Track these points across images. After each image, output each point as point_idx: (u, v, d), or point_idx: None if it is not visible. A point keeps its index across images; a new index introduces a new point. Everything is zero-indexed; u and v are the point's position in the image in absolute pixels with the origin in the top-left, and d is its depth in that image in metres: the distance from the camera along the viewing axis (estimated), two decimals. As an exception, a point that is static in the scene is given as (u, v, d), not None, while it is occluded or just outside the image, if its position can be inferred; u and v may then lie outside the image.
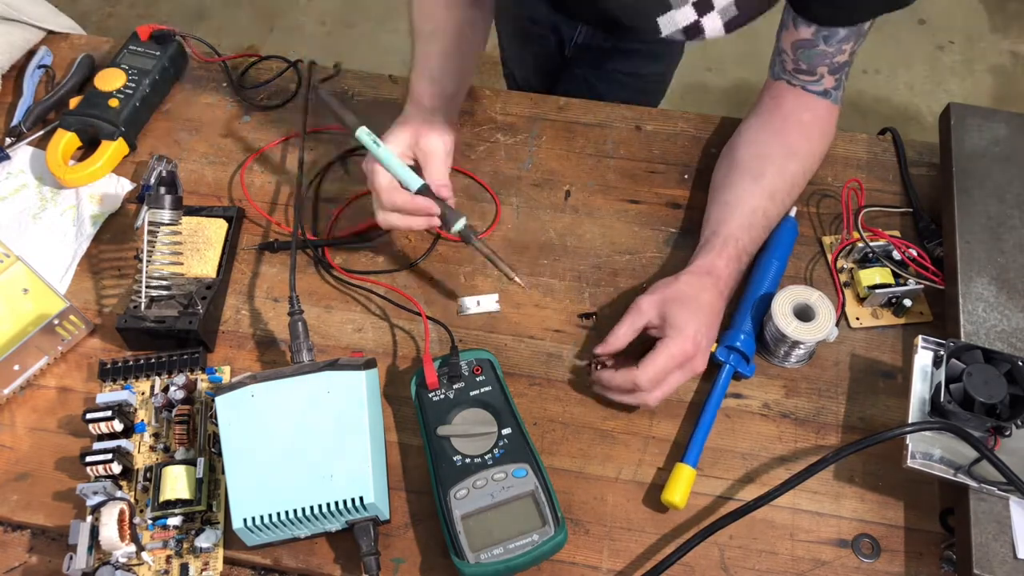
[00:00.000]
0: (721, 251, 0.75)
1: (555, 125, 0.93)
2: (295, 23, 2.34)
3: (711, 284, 0.72)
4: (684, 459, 0.69)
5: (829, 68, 0.77)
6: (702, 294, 0.72)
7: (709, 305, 0.72)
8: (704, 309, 0.71)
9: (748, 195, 0.78)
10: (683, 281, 0.73)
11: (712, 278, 0.73)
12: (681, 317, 0.70)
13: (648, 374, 0.68)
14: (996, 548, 0.62)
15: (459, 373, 0.72)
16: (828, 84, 0.79)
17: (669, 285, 0.73)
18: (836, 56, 0.76)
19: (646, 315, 0.72)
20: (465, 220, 0.74)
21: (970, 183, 0.79)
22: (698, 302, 0.71)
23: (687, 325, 0.69)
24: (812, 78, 0.79)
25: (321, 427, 0.64)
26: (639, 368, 0.69)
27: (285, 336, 0.78)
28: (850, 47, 0.76)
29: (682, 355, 0.69)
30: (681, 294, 0.71)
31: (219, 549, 0.67)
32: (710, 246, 0.76)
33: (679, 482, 0.68)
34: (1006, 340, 0.71)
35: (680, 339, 0.69)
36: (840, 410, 0.74)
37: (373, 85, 0.96)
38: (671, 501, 0.67)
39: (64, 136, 0.88)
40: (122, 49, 0.95)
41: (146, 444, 0.71)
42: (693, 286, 0.72)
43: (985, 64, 2.22)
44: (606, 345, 0.72)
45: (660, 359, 0.69)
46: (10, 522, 0.70)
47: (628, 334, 0.72)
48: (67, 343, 0.77)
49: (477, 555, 0.62)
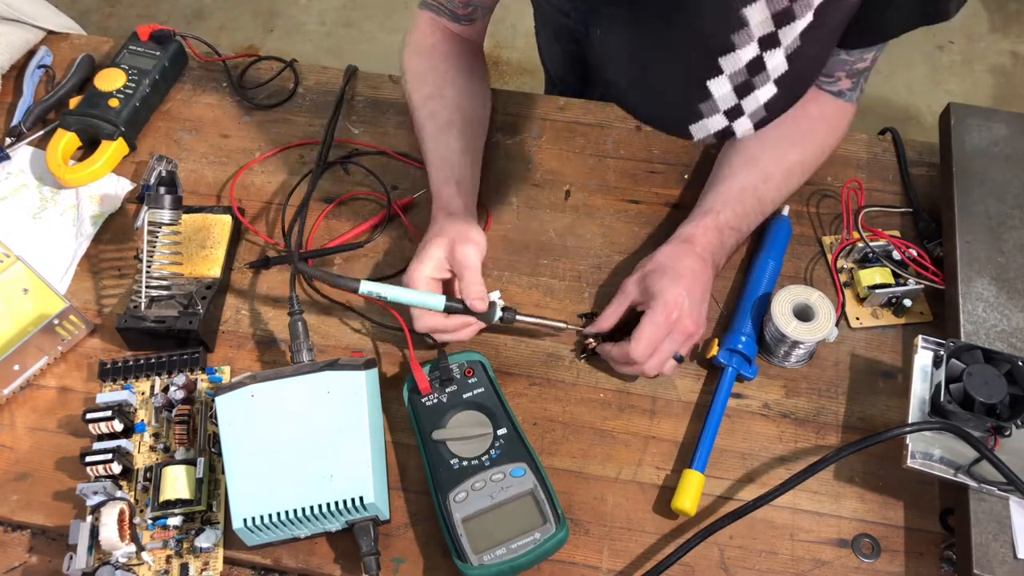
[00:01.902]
0: (700, 222, 0.76)
1: (555, 125, 0.93)
2: (295, 23, 2.34)
3: (689, 250, 0.74)
4: (692, 465, 0.69)
5: (848, 73, 0.78)
6: (681, 260, 0.73)
7: (689, 269, 0.72)
8: (684, 274, 0.72)
9: (739, 173, 0.79)
10: (661, 253, 0.75)
11: (689, 245, 0.74)
12: (660, 284, 0.71)
13: (639, 346, 0.70)
14: (996, 548, 0.62)
15: (450, 376, 0.72)
16: (844, 85, 0.79)
17: (648, 261, 0.75)
18: (856, 63, 0.77)
19: (630, 294, 0.74)
20: (500, 305, 0.74)
21: (970, 183, 0.79)
22: (676, 269, 0.72)
23: (666, 291, 0.71)
24: (829, 79, 0.79)
25: (321, 427, 0.64)
26: (631, 341, 0.71)
27: (285, 336, 0.78)
28: (872, 55, 0.76)
29: (666, 321, 0.70)
30: (659, 265, 0.73)
31: (219, 549, 0.67)
32: (690, 218, 0.78)
33: (689, 489, 0.68)
34: (1006, 340, 0.71)
35: (661, 306, 0.70)
36: (840, 410, 0.74)
37: (373, 85, 0.96)
38: (681, 508, 0.67)
39: (64, 136, 0.88)
40: (122, 49, 0.95)
41: (146, 444, 0.71)
42: (670, 255, 0.74)
43: (985, 64, 2.22)
44: (595, 326, 0.75)
45: (646, 330, 0.70)
46: (10, 522, 0.70)
47: (614, 315, 0.75)
48: (67, 343, 0.77)
49: (480, 557, 0.62)
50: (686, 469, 0.69)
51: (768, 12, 0.49)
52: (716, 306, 0.79)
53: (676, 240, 0.76)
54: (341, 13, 2.37)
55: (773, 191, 0.80)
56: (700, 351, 0.77)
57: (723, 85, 0.52)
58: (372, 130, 0.92)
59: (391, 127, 0.92)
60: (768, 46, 0.50)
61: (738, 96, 0.53)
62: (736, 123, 0.55)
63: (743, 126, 0.55)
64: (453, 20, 0.86)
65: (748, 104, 0.54)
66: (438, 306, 0.72)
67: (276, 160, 0.90)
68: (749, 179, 0.78)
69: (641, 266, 0.75)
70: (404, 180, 0.88)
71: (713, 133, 0.55)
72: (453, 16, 0.86)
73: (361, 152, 0.90)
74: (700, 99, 0.53)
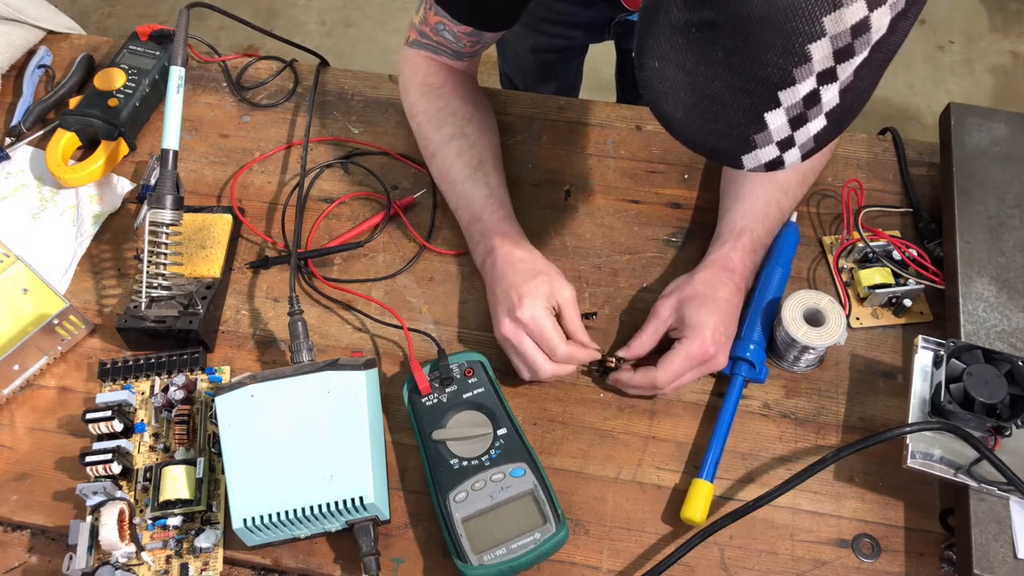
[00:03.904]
0: (736, 243, 0.75)
1: (555, 125, 0.93)
2: (295, 23, 2.34)
3: (727, 279, 0.73)
4: (701, 475, 0.69)
5: None
6: (719, 290, 0.72)
7: (727, 301, 0.72)
8: (721, 306, 0.71)
9: (760, 188, 0.78)
10: (698, 279, 0.73)
11: (728, 272, 0.73)
12: (698, 317, 0.70)
13: (667, 375, 0.70)
14: (996, 548, 0.62)
15: (450, 376, 0.72)
16: None
17: (685, 285, 0.73)
18: None
19: (666, 320, 0.73)
20: None
21: (970, 183, 0.79)
22: (715, 299, 0.71)
23: (705, 326, 0.70)
24: None
25: (321, 427, 0.64)
26: (658, 369, 0.70)
27: (285, 336, 0.78)
28: None
29: (700, 355, 0.70)
30: (697, 293, 0.72)
31: (219, 549, 0.67)
32: (723, 239, 0.76)
33: (698, 499, 0.67)
34: (1006, 340, 0.71)
35: (699, 340, 0.69)
36: (840, 410, 0.74)
37: (373, 85, 0.96)
38: (691, 518, 0.67)
39: (64, 136, 0.88)
40: (122, 49, 0.95)
41: (146, 444, 0.71)
42: (709, 283, 0.72)
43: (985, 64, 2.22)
44: (629, 350, 0.74)
45: (678, 360, 0.70)
46: (10, 522, 0.70)
47: (651, 340, 0.73)
48: (67, 343, 0.77)
49: (480, 557, 0.62)
50: (695, 479, 0.68)
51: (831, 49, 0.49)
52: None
53: (714, 265, 0.74)
54: (341, 13, 2.37)
55: (791, 200, 0.80)
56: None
57: (779, 117, 0.52)
58: (372, 130, 0.92)
59: (391, 127, 0.92)
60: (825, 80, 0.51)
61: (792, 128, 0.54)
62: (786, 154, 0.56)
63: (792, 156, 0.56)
64: (455, 58, 0.85)
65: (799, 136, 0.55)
66: None
67: (276, 160, 0.90)
68: (772, 193, 0.78)
69: (677, 290, 0.73)
70: (404, 180, 0.88)
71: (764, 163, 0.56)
72: (455, 55, 0.85)
73: (361, 152, 0.90)
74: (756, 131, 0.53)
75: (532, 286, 0.71)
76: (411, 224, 0.85)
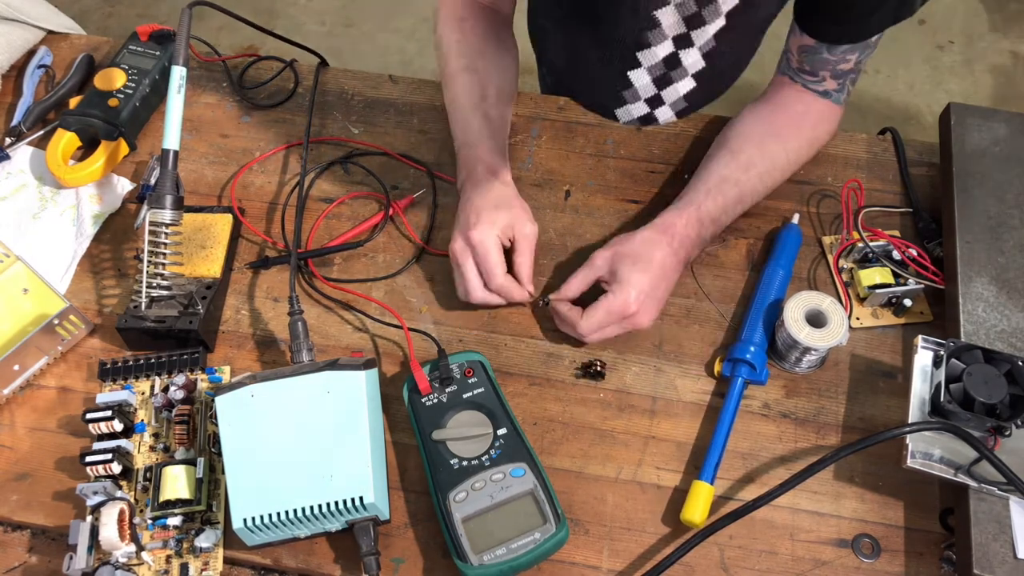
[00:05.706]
0: (683, 211, 0.76)
1: (555, 125, 0.93)
2: (295, 23, 2.34)
3: (666, 243, 0.74)
4: (701, 477, 0.69)
5: (832, 73, 0.78)
6: (655, 251, 0.73)
7: (659, 264, 0.73)
8: (653, 268, 0.72)
9: (720, 165, 0.79)
10: (639, 238, 0.74)
11: (668, 236, 0.74)
12: (628, 274, 0.72)
13: (587, 324, 0.72)
14: (996, 548, 0.62)
15: (450, 376, 0.72)
16: (830, 86, 0.80)
17: (625, 241, 0.75)
18: (840, 64, 0.77)
19: (597, 270, 0.75)
20: None
21: (970, 183, 0.79)
22: (648, 260, 0.72)
23: (631, 284, 0.71)
24: (814, 79, 0.80)
25: (321, 427, 0.64)
26: (582, 317, 0.72)
27: (285, 336, 0.78)
28: (855, 57, 0.77)
29: (621, 311, 0.71)
30: (633, 251, 0.73)
31: (219, 549, 0.67)
32: (674, 206, 0.78)
33: (698, 501, 0.67)
34: (1006, 340, 0.71)
35: (622, 296, 0.71)
36: (840, 410, 0.74)
37: (373, 85, 0.96)
38: (691, 520, 0.67)
39: (64, 136, 0.88)
40: (122, 49, 0.95)
41: (146, 444, 0.71)
42: (647, 243, 0.74)
43: (985, 64, 2.22)
44: (558, 293, 0.76)
45: (599, 312, 0.72)
46: (10, 522, 0.70)
47: (580, 285, 0.75)
48: (67, 343, 0.77)
49: (480, 557, 0.62)
50: (695, 481, 0.68)
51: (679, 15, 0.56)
52: (721, 318, 0.79)
53: (656, 228, 0.75)
54: (341, 13, 2.37)
55: (755, 180, 0.80)
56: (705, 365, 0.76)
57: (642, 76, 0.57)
58: (372, 130, 0.92)
59: (391, 127, 0.92)
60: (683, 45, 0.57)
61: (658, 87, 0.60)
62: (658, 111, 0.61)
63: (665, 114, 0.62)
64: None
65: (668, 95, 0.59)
66: None
67: (276, 160, 0.91)
68: (729, 170, 0.79)
69: (617, 243, 0.75)
70: (404, 180, 0.88)
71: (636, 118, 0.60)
72: None
73: (361, 152, 0.90)
74: (623, 87, 0.60)
75: (493, 214, 0.74)
76: (410, 224, 0.85)
